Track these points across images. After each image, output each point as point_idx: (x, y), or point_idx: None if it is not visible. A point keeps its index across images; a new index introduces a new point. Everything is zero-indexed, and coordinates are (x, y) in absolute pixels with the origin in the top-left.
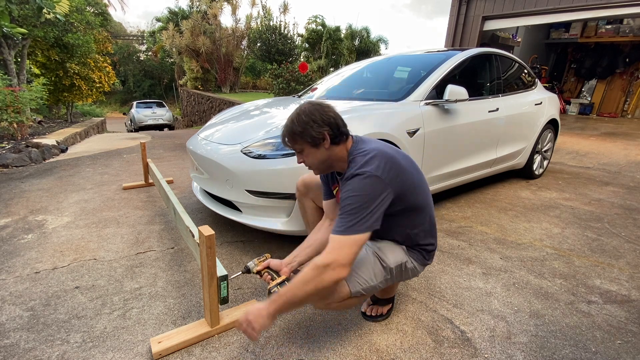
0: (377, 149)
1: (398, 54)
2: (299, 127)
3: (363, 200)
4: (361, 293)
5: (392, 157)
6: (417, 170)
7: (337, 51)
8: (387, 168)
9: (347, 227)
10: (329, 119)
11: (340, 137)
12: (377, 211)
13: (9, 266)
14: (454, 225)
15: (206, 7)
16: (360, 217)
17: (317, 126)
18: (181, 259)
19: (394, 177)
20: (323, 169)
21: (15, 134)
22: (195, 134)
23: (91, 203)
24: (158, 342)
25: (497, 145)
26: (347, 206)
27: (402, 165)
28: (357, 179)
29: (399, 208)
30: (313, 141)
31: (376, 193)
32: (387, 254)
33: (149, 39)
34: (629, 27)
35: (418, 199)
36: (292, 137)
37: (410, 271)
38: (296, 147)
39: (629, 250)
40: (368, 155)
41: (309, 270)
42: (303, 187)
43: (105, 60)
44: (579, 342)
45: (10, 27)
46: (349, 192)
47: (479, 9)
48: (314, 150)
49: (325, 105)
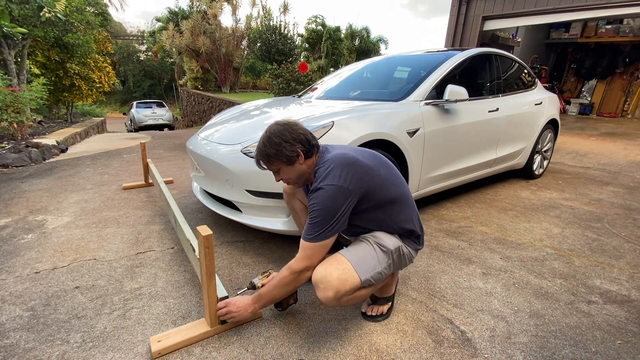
0: (337, 157)
1: (398, 54)
2: (272, 149)
3: (328, 212)
4: (370, 282)
5: (352, 162)
6: (386, 166)
7: (337, 51)
8: (349, 175)
9: (316, 235)
10: (299, 136)
11: (312, 150)
12: (342, 217)
13: (9, 266)
14: (454, 225)
15: (206, 7)
16: (327, 226)
17: (289, 145)
18: (181, 259)
19: (357, 180)
20: (302, 183)
21: (15, 134)
22: (195, 134)
23: (91, 203)
24: (157, 341)
25: (497, 145)
26: (314, 218)
27: (365, 166)
28: (320, 192)
29: (373, 204)
30: (288, 160)
31: (339, 202)
32: (384, 239)
33: (149, 39)
34: (629, 27)
35: (390, 192)
36: (267, 160)
37: (407, 257)
38: (272, 168)
39: (629, 250)
40: (328, 168)
41: (288, 275)
42: (289, 189)
43: (105, 60)
44: (579, 342)
45: (10, 27)
46: (315, 206)
47: (479, 9)
48: (290, 168)
49: (292, 123)
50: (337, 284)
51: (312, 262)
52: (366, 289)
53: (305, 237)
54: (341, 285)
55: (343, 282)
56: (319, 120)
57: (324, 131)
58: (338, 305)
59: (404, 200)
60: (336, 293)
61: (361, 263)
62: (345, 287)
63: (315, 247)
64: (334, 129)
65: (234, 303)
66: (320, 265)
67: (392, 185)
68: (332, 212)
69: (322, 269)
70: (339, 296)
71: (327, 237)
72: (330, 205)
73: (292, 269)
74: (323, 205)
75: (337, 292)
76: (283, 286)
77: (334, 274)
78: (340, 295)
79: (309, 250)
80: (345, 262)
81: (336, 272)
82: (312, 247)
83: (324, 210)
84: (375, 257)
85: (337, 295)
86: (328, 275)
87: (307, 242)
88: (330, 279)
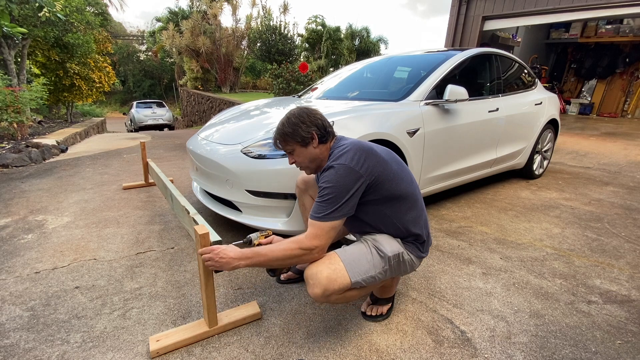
0: (353, 143)
1: (398, 54)
2: (289, 129)
3: (338, 190)
4: (361, 284)
5: (367, 150)
6: (398, 163)
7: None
8: (361, 159)
9: (326, 214)
10: (316, 121)
11: (327, 136)
12: (352, 200)
13: (9, 266)
14: (454, 225)
15: (206, 7)
16: (336, 206)
17: (305, 127)
18: (181, 259)
19: (369, 167)
20: (313, 168)
21: (15, 134)
22: (195, 134)
23: (91, 203)
24: (156, 341)
25: (497, 145)
26: (324, 195)
27: (379, 156)
28: (332, 170)
29: (380, 196)
30: (303, 141)
31: (349, 183)
32: (384, 244)
33: (149, 39)
34: (629, 27)
35: (399, 188)
36: (284, 138)
37: (408, 263)
38: (287, 148)
39: (629, 250)
40: (344, 149)
41: (296, 249)
42: (302, 183)
43: (105, 60)
44: (579, 342)
45: (10, 27)
46: (325, 183)
47: (479, 9)
48: (304, 150)
49: (312, 109)
50: (326, 283)
51: (321, 243)
52: (357, 291)
53: (314, 216)
54: (329, 285)
55: (332, 282)
56: None
57: None
58: (327, 302)
59: (412, 200)
60: (324, 291)
61: (354, 265)
62: (333, 287)
63: (324, 227)
64: (334, 129)
65: (221, 252)
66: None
67: (402, 182)
68: (342, 191)
69: (314, 266)
70: (327, 294)
71: (336, 218)
72: (341, 184)
73: (303, 245)
74: (334, 183)
75: (325, 290)
76: (286, 258)
77: (324, 272)
78: (328, 293)
79: (318, 229)
80: (338, 261)
81: (326, 271)
82: (322, 226)
83: (335, 188)
84: (370, 261)
85: (324, 293)
86: (318, 272)
87: (317, 221)
88: (319, 277)
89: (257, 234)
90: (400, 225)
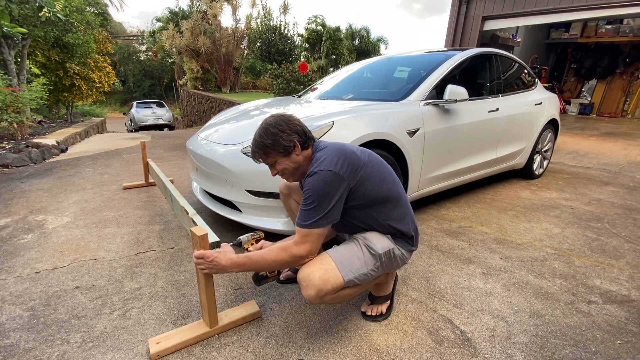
0: (334, 146)
1: (398, 54)
2: (269, 140)
3: (323, 197)
4: (354, 282)
5: (349, 153)
6: (380, 163)
7: (337, 51)
8: (344, 163)
9: (313, 222)
10: (295, 127)
11: (308, 142)
12: (337, 206)
13: (9, 266)
14: (454, 225)
15: (206, 7)
16: (323, 213)
17: (286, 135)
18: (181, 259)
19: (352, 171)
20: (298, 176)
21: (15, 134)
22: (195, 134)
23: (91, 203)
24: (156, 343)
25: (497, 145)
26: (310, 203)
27: (361, 160)
28: (316, 176)
29: (364, 201)
30: (285, 150)
31: (334, 188)
32: (374, 241)
33: (149, 39)
34: (629, 27)
35: (382, 189)
36: (264, 151)
37: (399, 258)
38: (268, 161)
39: (629, 250)
40: (325, 154)
41: (288, 258)
42: (285, 189)
43: (105, 60)
44: (579, 342)
45: (10, 27)
46: (310, 190)
47: (479, 9)
48: (287, 159)
49: (289, 116)
50: (319, 284)
51: (311, 249)
52: (351, 289)
53: (301, 224)
54: (323, 285)
55: (325, 282)
56: (319, 120)
57: (324, 131)
58: (322, 303)
59: (395, 199)
60: (318, 292)
61: (345, 263)
62: (327, 287)
63: (313, 234)
64: (334, 129)
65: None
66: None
67: (384, 182)
68: (327, 197)
69: (306, 268)
70: (321, 295)
71: (323, 225)
72: (327, 191)
73: (293, 254)
74: (318, 189)
75: (319, 291)
76: (278, 265)
77: (316, 274)
78: (322, 294)
79: (307, 236)
80: (329, 261)
81: (319, 272)
82: (310, 233)
83: (319, 195)
84: (361, 259)
85: (319, 294)
86: (311, 274)
87: (305, 229)
88: (312, 278)
89: (247, 237)
90: (387, 224)
